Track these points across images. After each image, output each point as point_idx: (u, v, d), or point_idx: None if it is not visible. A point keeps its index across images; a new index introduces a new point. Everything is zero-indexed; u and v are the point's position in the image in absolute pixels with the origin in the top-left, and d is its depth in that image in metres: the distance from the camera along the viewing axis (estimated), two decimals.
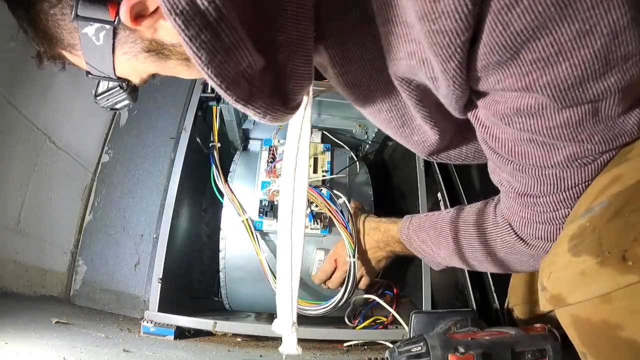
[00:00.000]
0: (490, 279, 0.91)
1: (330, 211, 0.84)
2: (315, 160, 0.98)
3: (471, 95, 0.44)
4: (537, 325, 0.65)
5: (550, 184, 0.50)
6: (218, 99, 1.01)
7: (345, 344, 0.85)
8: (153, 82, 0.56)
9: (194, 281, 1.13)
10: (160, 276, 0.84)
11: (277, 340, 0.86)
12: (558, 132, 0.43)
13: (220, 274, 0.94)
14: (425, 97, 0.46)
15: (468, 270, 0.92)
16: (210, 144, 0.97)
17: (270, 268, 0.87)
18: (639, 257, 0.42)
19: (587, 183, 0.50)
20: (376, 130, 1.03)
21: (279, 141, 1.00)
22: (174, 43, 0.42)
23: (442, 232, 0.70)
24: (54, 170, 1.01)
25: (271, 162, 0.94)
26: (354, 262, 0.81)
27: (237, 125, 1.09)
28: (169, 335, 0.81)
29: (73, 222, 1.11)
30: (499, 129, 0.46)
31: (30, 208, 0.93)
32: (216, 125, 0.99)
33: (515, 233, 0.59)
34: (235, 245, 0.93)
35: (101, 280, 1.09)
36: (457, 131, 0.57)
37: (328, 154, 0.99)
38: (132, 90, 0.56)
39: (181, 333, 0.83)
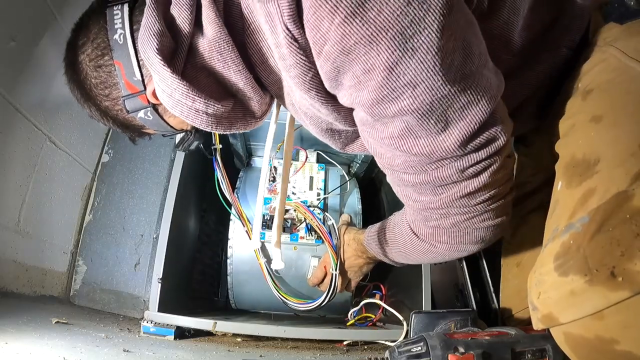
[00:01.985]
0: (490, 279, 0.91)
1: (319, 229, 0.97)
2: (311, 179, 1.09)
3: (351, 115, 0.55)
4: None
5: (395, 184, 0.61)
6: None
7: (345, 342, 0.85)
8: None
9: (194, 281, 1.14)
10: (160, 276, 0.84)
11: (277, 340, 0.87)
12: (388, 142, 0.52)
13: (228, 277, 1.04)
14: (320, 119, 0.61)
15: (468, 270, 0.92)
16: (212, 147, 0.98)
17: (269, 272, 0.96)
18: (628, 272, 0.42)
19: (429, 188, 0.56)
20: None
21: (279, 162, 1.09)
22: None
23: (388, 235, 0.76)
24: (54, 170, 1.01)
25: (272, 181, 1.06)
26: (336, 274, 0.92)
27: (242, 146, 1.18)
28: (169, 335, 0.81)
29: (73, 222, 1.11)
30: (364, 134, 0.57)
31: (30, 208, 0.93)
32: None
33: (411, 229, 0.67)
34: (241, 252, 1.03)
35: (101, 280, 1.09)
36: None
37: (322, 172, 1.10)
38: (195, 133, 0.75)
39: (181, 333, 0.83)
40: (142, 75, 0.57)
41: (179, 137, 0.75)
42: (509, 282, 0.85)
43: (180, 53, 0.52)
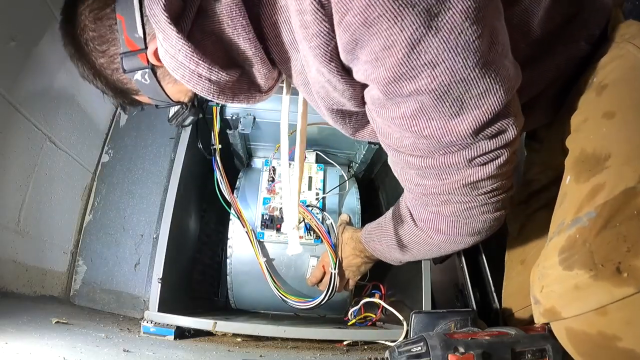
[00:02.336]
0: (490, 279, 0.91)
1: (318, 229, 0.96)
2: (310, 179, 1.09)
3: (363, 94, 0.54)
4: (537, 325, 0.64)
5: (399, 162, 0.59)
6: None
7: (345, 342, 0.85)
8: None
9: (194, 281, 1.14)
10: (160, 276, 0.84)
11: (277, 340, 0.86)
12: (399, 122, 0.51)
13: (228, 277, 1.04)
14: (333, 100, 0.58)
15: (468, 270, 0.92)
16: (212, 147, 0.99)
17: (269, 271, 0.96)
18: (634, 268, 0.42)
19: (434, 172, 0.56)
20: (364, 152, 1.13)
21: (278, 163, 1.10)
22: None
23: (384, 229, 0.75)
24: (54, 170, 1.01)
25: (271, 181, 1.06)
26: (335, 273, 0.91)
27: (242, 147, 1.18)
28: (169, 335, 0.81)
29: (73, 222, 1.11)
30: (373, 114, 0.55)
31: (30, 208, 0.93)
32: (216, 127, 1.00)
33: (410, 214, 0.66)
34: (240, 252, 1.03)
35: (101, 280, 1.09)
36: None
37: (321, 173, 1.10)
38: (191, 107, 0.74)
39: (181, 333, 0.83)
40: (144, 33, 0.54)
41: (173, 110, 0.73)
42: (512, 279, 0.85)
43: (188, 14, 0.50)
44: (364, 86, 0.53)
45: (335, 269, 0.91)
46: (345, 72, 0.51)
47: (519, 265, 0.84)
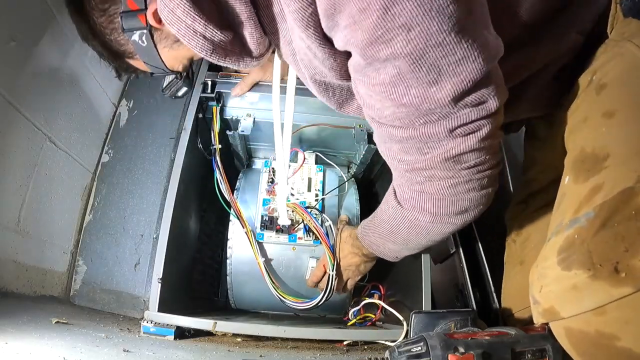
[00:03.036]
0: (490, 279, 0.91)
1: (317, 230, 0.97)
2: (310, 180, 1.08)
3: (347, 67, 0.55)
4: (537, 325, 0.65)
5: (383, 136, 0.59)
6: (217, 99, 1.02)
7: (345, 342, 0.85)
8: (152, 83, 0.66)
9: (194, 281, 1.14)
10: (160, 276, 0.84)
11: (277, 340, 0.86)
12: (379, 89, 0.51)
13: (228, 277, 1.04)
14: (316, 69, 0.60)
15: (468, 270, 0.92)
16: (212, 147, 0.99)
17: (268, 272, 0.97)
18: (632, 268, 0.42)
19: (415, 145, 0.56)
20: (363, 153, 1.12)
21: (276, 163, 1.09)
22: None
23: (376, 219, 0.75)
24: (54, 170, 1.01)
25: (271, 183, 1.06)
26: (333, 274, 0.92)
27: (242, 148, 1.18)
28: (169, 335, 0.81)
29: (73, 222, 1.11)
30: (356, 83, 0.55)
31: (30, 208, 0.93)
32: (216, 127, 1.00)
33: (395, 196, 0.66)
34: (240, 253, 1.03)
35: (101, 280, 1.09)
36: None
37: (321, 174, 1.10)
38: (185, 78, 0.77)
39: (181, 333, 0.83)
40: None
41: (167, 80, 0.75)
42: (511, 280, 0.85)
43: None
44: (347, 59, 0.54)
45: (333, 271, 0.92)
46: (326, 40, 0.52)
47: (518, 265, 0.84)
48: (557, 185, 0.61)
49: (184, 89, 0.80)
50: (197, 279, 1.16)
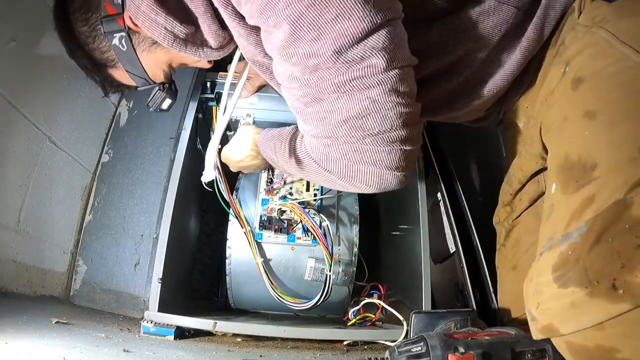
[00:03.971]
0: (489, 279, 0.91)
1: (314, 230, 0.97)
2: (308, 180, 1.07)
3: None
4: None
5: (292, 107, 0.63)
6: (217, 99, 1.02)
7: (345, 342, 0.86)
8: (152, 83, 0.67)
9: (194, 281, 1.14)
10: (160, 276, 0.84)
11: (277, 340, 0.87)
12: (277, 53, 0.56)
13: (227, 277, 1.04)
14: (250, 52, 0.66)
15: (468, 270, 0.92)
16: None
17: (266, 271, 0.97)
18: (629, 284, 0.42)
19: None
20: None
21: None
22: None
23: (282, 138, 0.75)
24: (54, 170, 1.01)
25: (270, 182, 1.06)
26: (329, 275, 0.92)
27: None
28: (169, 335, 0.81)
29: (73, 222, 1.11)
30: (270, 54, 0.60)
31: (30, 208, 0.93)
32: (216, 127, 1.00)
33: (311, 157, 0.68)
34: (239, 253, 1.03)
35: (101, 280, 1.09)
36: None
37: None
38: (168, 89, 0.80)
39: (181, 333, 0.83)
40: (122, 0, 0.64)
41: (149, 94, 0.79)
42: (506, 286, 0.84)
43: None
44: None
45: (330, 271, 0.91)
46: (241, 17, 0.59)
47: (511, 271, 0.83)
48: (535, 183, 0.60)
49: (168, 102, 0.82)
50: (197, 279, 1.16)
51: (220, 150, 0.92)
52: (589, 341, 0.46)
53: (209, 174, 0.88)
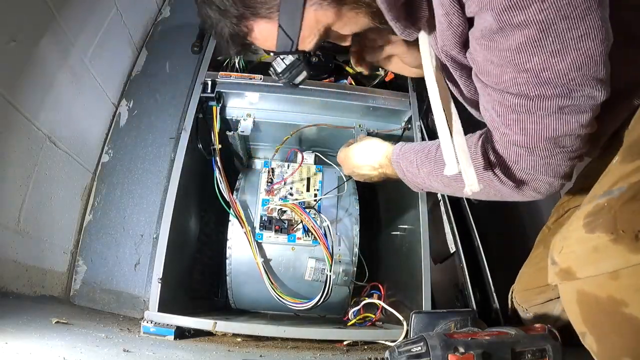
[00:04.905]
0: (490, 279, 0.91)
1: (314, 231, 0.97)
2: (308, 180, 1.08)
3: (468, 36, 0.58)
4: (537, 325, 0.65)
5: (492, 102, 0.59)
6: (218, 99, 1.02)
7: (345, 342, 0.86)
8: (152, 83, 0.62)
9: (194, 281, 1.14)
10: (160, 276, 0.84)
11: (277, 340, 0.86)
12: (504, 54, 0.53)
13: (227, 277, 1.04)
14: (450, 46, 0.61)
15: (468, 270, 0.92)
16: (212, 147, 0.99)
17: (266, 271, 0.97)
18: None
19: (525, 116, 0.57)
20: None
21: (277, 164, 1.10)
22: None
23: (429, 154, 0.74)
24: (54, 170, 1.01)
25: (270, 183, 1.06)
26: (330, 275, 0.92)
27: (242, 148, 1.18)
28: (169, 335, 0.81)
29: (73, 222, 1.11)
30: (477, 53, 0.57)
31: (30, 208, 0.93)
32: (216, 127, 1.00)
33: (489, 162, 0.65)
34: (240, 253, 1.03)
35: (101, 280, 1.09)
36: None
37: (320, 174, 1.09)
38: (307, 62, 0.72)
39: (181, 333, 0.83)
40: None
41: (281, 66, 0.72)
42: (531, 260, 0.86)
43: None
44: (468, 29, 0.57)
45: (330, 271, 0.91)
46: (460, 6, 0.55)
47: (541, 247, 0.85)
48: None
49: (303, 75, 0.73)
50: (197, 279, 1.16)
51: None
52: (601, 290, 0.48)
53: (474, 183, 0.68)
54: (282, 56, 0.74)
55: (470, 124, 0.70)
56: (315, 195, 1.06)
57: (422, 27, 0.64)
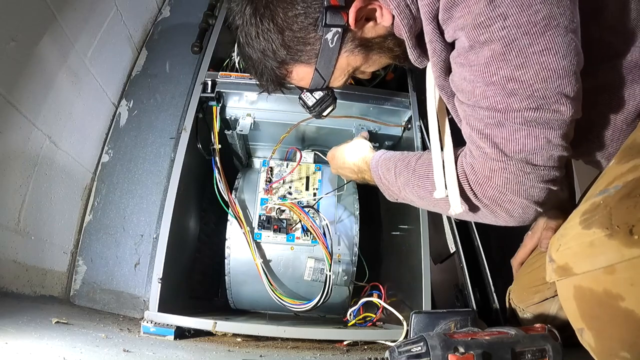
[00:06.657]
0: (490, 279, 0.91)
1: (313, 230, 0.97)
2: (307, 179, 1.08)
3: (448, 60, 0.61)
4: (537, 325, 0.65)
5: (468, 119, 0.61)
6: (218, 99, 1.02)
7: (345, 342, 0.85)
8: (152, 83, 0.63)
9: (194, 281, 1.14)
10: (160, 276, 0.84)
11: (277, 340, 0.86)
12: (474, 69, 0.56)
13: (226, 277, 1.04)
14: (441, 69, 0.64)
15: (468, 270, 0.92)
16: (211, 147, 0.99)
17: (265, 272, 0.96)
18: None
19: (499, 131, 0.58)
20: None
21: (275, 163, 1.10)
22: (374, 36, 0.69)
23: (409, 164, 0.74)
24: (54, 170, 1.01)
25: (269, 182, 1.06)
26: (329, 275, 0.91)
27: (241, 147, 1.18)
28: (169, 335, 0.81)
29: (73, 222, 1.11)
30: (454, 74, 0.61)
31: (30, 208, 0.93)
32: (216, 126, 1.00)
33: (465, 177, 0.65)
34: (238, 252, 1.03)
35: (101, 280, 1.09)
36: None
37: (319, 173, 1.09)
38: (334, 98, 0.80)
39: (181, 333, 0.83)
40: None
41: (312, 99, 0.79)
42: (532, 259, 0.86)
43: None
44: (449, 54, 0.61)
45: (330, 271, 0.91)
46: (440, 33, 0.59)
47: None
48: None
49: (330, 108, 0.82)
50: (197, 279, 1.16)
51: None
52: (597, 285, 0.49)
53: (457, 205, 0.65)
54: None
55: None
56: (315, 195, 1.06)
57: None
